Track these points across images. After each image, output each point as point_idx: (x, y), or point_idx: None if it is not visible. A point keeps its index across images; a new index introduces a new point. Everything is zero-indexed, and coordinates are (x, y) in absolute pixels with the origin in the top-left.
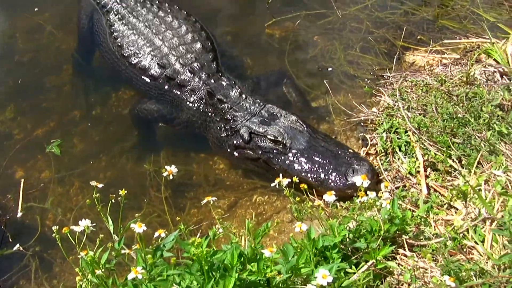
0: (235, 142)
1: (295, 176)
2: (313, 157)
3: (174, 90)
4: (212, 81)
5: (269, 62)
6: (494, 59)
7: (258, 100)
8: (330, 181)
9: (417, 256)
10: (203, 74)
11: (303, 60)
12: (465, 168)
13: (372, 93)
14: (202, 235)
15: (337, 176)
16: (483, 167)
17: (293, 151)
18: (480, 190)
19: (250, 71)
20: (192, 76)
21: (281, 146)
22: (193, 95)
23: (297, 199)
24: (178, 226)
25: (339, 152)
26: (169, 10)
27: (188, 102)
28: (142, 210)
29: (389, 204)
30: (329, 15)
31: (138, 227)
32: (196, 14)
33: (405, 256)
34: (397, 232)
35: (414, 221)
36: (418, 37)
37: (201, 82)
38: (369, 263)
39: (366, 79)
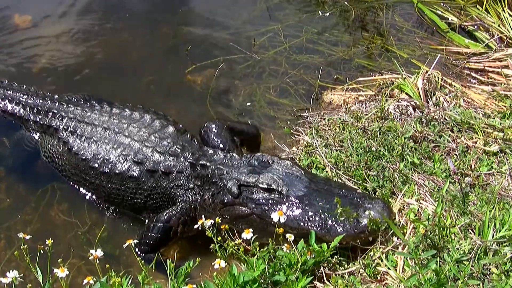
0: (222, 199)
1: (296, 228)
2: (315, 202)
3: (161, 183)
4: (197, 155)
5: (192, 109)
6: (407, 94)
7: (245, 154)
8: (338, 226)
9: (334, 286)
10: (187, 153)
11: (224, 105)
12: None
13: (292, 133)
14: (133, 282)
15: (346, 219)
16: (397, 197)
17: (291, 198)
18: (394, 218)
19: (173, 118)
20: (175, 159)
21: (276, 195)
22: (181, 177)
23: (219, 238)
24: (107, 273)
25: (346, 194)
26: (122, 105)
27: (178, 188)
28: (70, 258)
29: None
30: (248, 59)
31: (61, 272)
32: (119, 66)
33: (323, 286)
34: (316, 264)
35: (330, 252)
36: (335, 77)
37: (187, 161)
38: None
39: (286, 120)
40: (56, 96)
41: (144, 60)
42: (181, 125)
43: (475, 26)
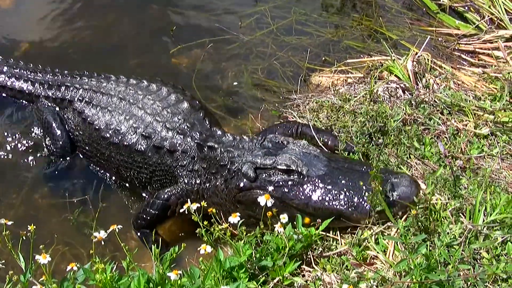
0: (237, 184)
1: (320, 208)
2: (338, 180)
3: (165, 161)
4: (205, 136)
5: None
6: (396, 76)
7: (255, 136)
8: (366, 203)
9: (322, 270)
10: (195, 133)
11: (210, 87)
12: None
13: (280, 116)
14: (118, 268)
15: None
16: None
17: (312, 178)
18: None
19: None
20: (182, 137)
21: (296, 176)
22: (185, 158)
23: (205, 223)
24: (92, 259)
25: (368, 170)
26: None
27: (181, 168)
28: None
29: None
30: (235, 40)
31: (43, 258)
32: (104, 47)
33: (311, 270)
34: (304, 248)
35: (317, 236)
36: (324, 58)
37: (193, 141)
38: (275, 280)
39: (273, 102)
40: (66, 71)
41: (129, 42)
42: (197, 101)
43: (466, 7)
